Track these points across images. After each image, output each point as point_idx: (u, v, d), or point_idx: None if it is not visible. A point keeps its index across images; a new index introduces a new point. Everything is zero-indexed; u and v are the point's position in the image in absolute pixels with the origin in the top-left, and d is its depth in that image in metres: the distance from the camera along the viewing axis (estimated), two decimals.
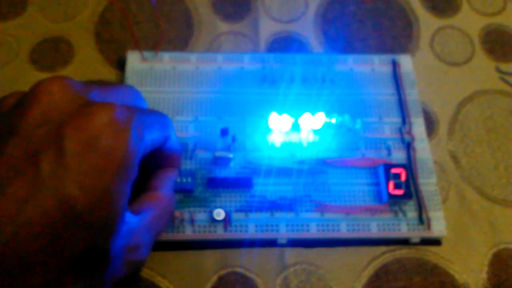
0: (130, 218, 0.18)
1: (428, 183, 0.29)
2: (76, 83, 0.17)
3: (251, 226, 0.27)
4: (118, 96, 0.19)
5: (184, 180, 0.27)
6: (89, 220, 0.15)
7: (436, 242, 0.28)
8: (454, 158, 0.31)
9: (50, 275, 0.15)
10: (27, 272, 0.14)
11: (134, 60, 0.31)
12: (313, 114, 0.29)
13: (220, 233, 0.27)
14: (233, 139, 0.28)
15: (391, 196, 0.28)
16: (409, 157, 0.30)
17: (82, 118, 0.16)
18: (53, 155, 0.15)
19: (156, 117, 0.20)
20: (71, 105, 0.16)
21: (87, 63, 0.32)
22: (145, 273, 0.26)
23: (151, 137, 0.19)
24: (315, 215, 0.28)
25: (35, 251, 0.15)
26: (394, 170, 0.28)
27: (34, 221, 0.14)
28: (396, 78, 0.32)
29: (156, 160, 0.22)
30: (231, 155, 0.28)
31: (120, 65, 0.32)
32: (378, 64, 0.33)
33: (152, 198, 0.21)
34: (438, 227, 0.28)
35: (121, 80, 0.31)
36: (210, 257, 0.27)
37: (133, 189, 0.20)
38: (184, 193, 0.27)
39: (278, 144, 0.29)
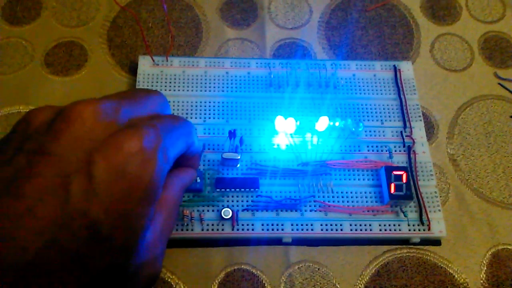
0: (146, 233, 0.18)
1: (428, 185, 0.30)
2: (107, 107, 0.18)
3: (257, 225, 0.28)
4: (146, 108, 0.19)
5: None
6: (112, 242, 0.16)
7: (436, 242, 0.29)
8: (454, 161, 0.32)
9: None
10: (52, 285, 0.15)
11: (145, 64, 0.32)
12: (317, 118, 0.30)
13: (227, 231, 0.27)
14: (241, 141, 0.29)
15: (393, 198, 0.28)
16: (409, 160, 0.30)
17: (112, 146, 0.16)
18: (83, 180, 0.16)
19: (181, 129, 0.20)
20: (102, 132, 0.17)
21: (99, 67, 0.33)
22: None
23: (177, 152, 0.19)
24: (319, 215, 0.28)
25: (59, 268, 0.15)
26: (395, 172, 0.29)
27: (61, 240, 0.15)
28: (397, 83, 0.33)
29: (177, 162, 0.23)
30: (238, 157, 0.28)
31: (132, 69, 0.33)
32: (380, 70, 0.34)
33: (160, 202, 0.20)
34: (438, 227, 0.29)
35: (132, 84, 0.32)
36: (218, 254, 0.28)
37: None
38: (193, 193, 0.28)
39: (283, 146, 0.30)
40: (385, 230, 0.28)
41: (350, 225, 0.28)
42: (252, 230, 0.28)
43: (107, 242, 0.16)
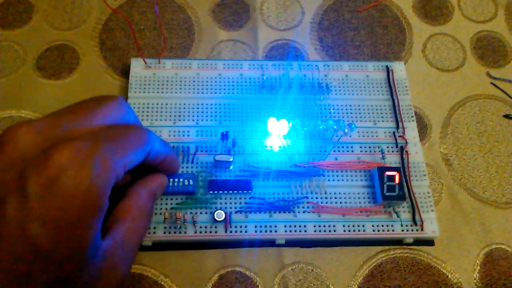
0: (101, 243, 0.18)
1: (421, 185, 0.30)
2: (41, 125, 0.18)
3: (250, 227, 0.28)
4: (93, 119, 0.19)
5: (186, 182, 0.28)
6: (54, 255, 0.16)
7: (429, 242, 0.29)
8: (447, 161, 0.32)
9: None
10: None
11: (137, 67, 0.32)
12: (309, 119, 0.30)
13: (220, 234, 0.27)
14: (234, 143, 0.29)
15: (386, 198, 0.28)
16: (402, 160, 0.30)
17: (42, 160, 0.16)
18: (17, 198, 0.16)
19: (132, 138, 0.20)
20: (35, 149, 0.17)
21: (91, 70, 0.33)
22: (149, 272, 0.27)
23: (126, 160, 0.19)
24: (312, 216, 0.28)
25: (5, 286, 0.15)
26: (388, 173, 0.29)
27: (2, 260, 0.15)
28: (390, 84, 0.33)
29: (147, 169, 0.23)
30: (231, 159, 0.28)
31: (124, 72, 0.33)
32: (372, 70, 0.34)
33: (123, 212, 0.20)
34: (431, 228, 0.29)
35: (125, 86, 0.32)
36: (211, 256, 0.28)
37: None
38: (186, 195, 0.28)
39: (276, 148, 0.30)
40: (378, 230, 0.28)
41: (343, 226, 0.28)
42: (246, 232, 0.28)
43: (50, 256, 0.16)
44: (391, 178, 0.29)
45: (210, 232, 0.27)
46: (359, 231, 0.28)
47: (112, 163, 0.18)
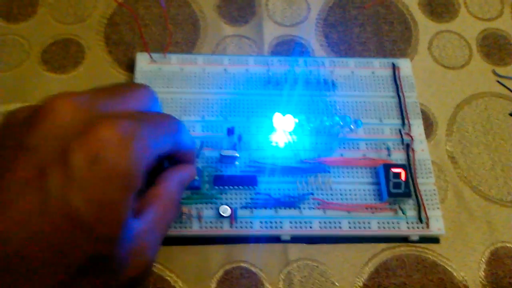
0: (133, 223, 0.19)
1: (426, 183, 0.30)
2: (83, 99, 0.18)
3: (256, 223, 0.28)
4: (128, 103, 0.20)
5: None
6: (94, 230, 0.16)
7: (434, 240, 0.29)
8: (452, 159, 0.32)
9: (58, 279, 0.16)
10: (36, 276, 0.15)
11: (143, 61, 0.32)
12: (315, 115, 0.30)
13: (226, 229, 0.27)
14: (239, 138, 0.29)
15: (391, 195, 0.28)
16: (408, 158, 0.30)
17: (87, 134, 0.16)
18: (60, 169, 0.16)
19: (164, 124, 0.20)
20: (77, 122, 0.17)
21: (97, 64, 0.33)
22: (154, 267, 0.27)
23: (159, 146, 0.19)
24: (318, 212, 0.28)
25: (43, 258, 0.15)
26: (394, 170, 0.29)
27: (43, 231, 0.15)
28: (396, 81, 0.33)
29: (170, 159, 0.23)
30: (237, 154, 0.28)
31: (129, 66, 0.33)
32: (378, 67, 0.34)
33: (154, 196, 0.21)
34: (437, 225, 0.29)
35: (129, 80, 0.32)
36: (216, 252, 0.28)
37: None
38: (192, 190, 0.28)
39: (282, 144, 0.30)
40: (384, 227, 0.28)
41: (349, 222, 0.28)
42: (251, 227, 0.27)
43: (88, 231, 0.16)
44: (397, 175, 0.29)
45: (216, 227, 0.27)
46: (364, 228, 0.28)
47: (150, 144, 0.18)
